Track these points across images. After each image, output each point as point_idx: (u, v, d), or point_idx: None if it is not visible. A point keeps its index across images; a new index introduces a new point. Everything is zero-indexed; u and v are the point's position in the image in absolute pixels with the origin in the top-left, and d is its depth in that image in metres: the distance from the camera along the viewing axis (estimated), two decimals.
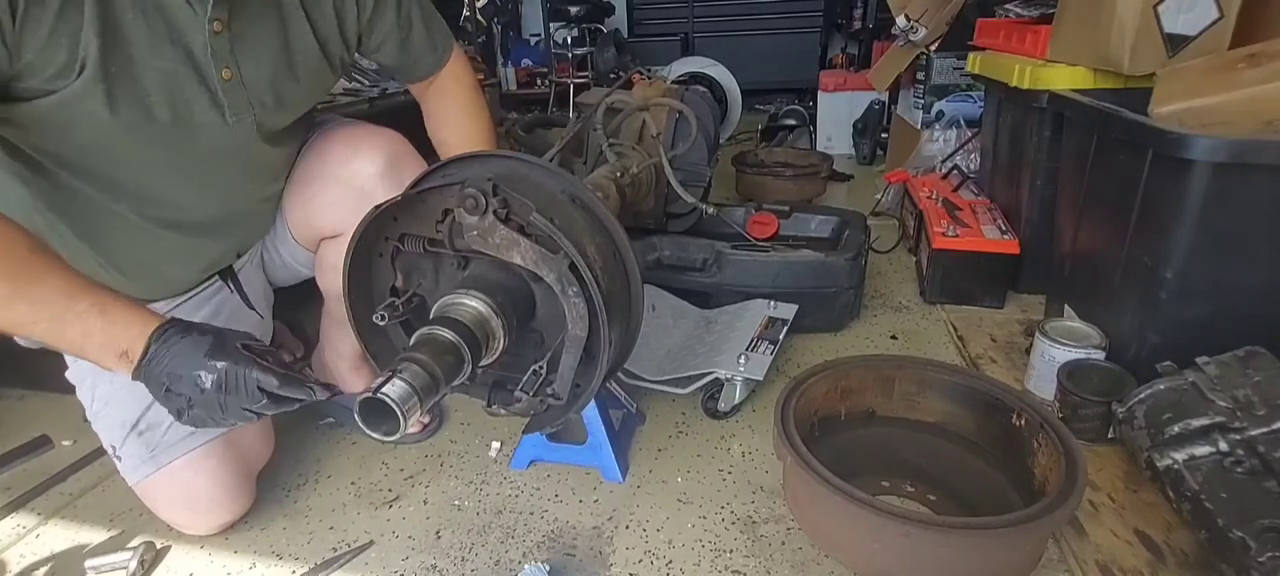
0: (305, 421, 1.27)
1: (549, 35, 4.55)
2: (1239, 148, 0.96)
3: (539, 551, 0.96)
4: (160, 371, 0.74)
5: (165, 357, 0.74)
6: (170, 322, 0.76)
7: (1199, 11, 1.22)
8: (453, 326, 0.76)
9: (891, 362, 1.09)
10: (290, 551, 0.99)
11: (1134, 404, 0.98)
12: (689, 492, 1.06)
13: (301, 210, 1.08)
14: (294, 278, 1.19)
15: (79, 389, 0.99)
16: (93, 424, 0.99)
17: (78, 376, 0.98)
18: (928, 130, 2.29)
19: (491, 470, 1.13)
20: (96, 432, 0.99)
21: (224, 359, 0.75)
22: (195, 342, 0.75)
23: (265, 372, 0.76)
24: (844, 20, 4.32)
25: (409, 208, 0.83)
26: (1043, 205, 1.55)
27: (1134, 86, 1.29)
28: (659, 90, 1.71)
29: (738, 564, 0.92)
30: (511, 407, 0.87)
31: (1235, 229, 1.01)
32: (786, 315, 1.37)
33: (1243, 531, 0.77)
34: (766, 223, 1.69)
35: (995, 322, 1.53)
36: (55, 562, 0.99)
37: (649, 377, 1.22)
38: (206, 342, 0.75)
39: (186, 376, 0.74)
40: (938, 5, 2.29)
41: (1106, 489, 0.99)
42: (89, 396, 0.98)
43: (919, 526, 0.78)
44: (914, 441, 1.06)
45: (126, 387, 0.94)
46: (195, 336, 0.75)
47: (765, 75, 4.48)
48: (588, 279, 0.77)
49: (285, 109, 0.95)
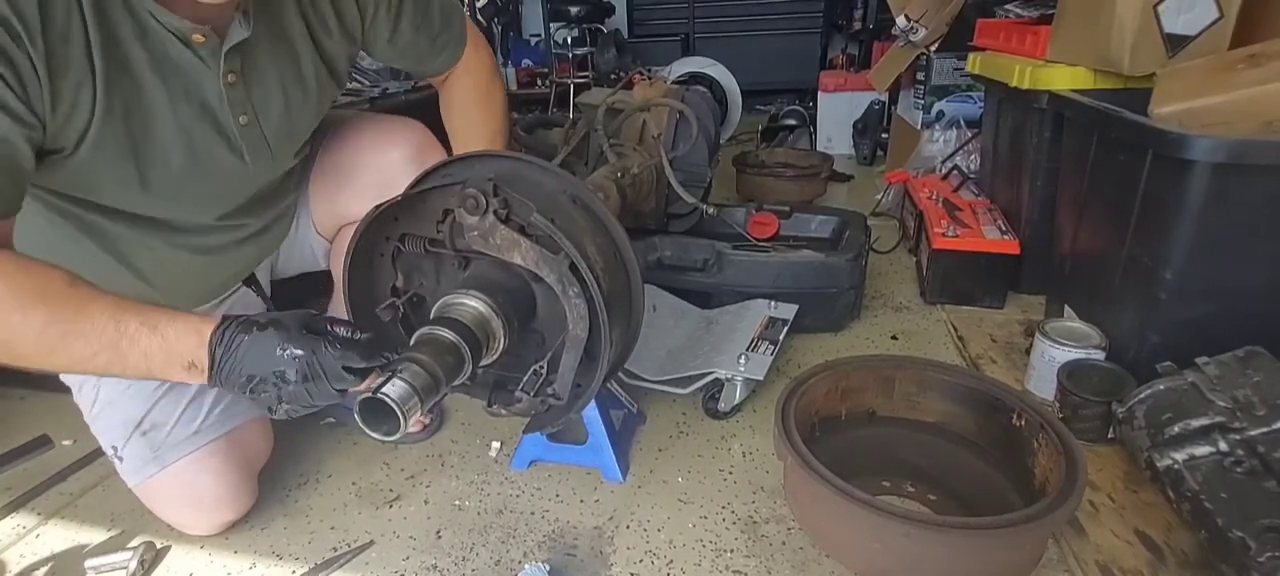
0: (305, 421, 1.27)
1: (549, 35, 4.55)
2: (1239, 148, 0.96)
3: (540, 551, 0.96)
4: (237, 375, 0.71)
5: (236, 361, 0.71)
6: (225, 323, 0.72)
7: (1199, 11, 1.22)
8: (453, 326, 0.76)
9: (891, 363, 1.09)
10: (291, 551, 0.99)
11: (1134, 404, 0.98)
12: (689, 492, 1.06)
13: (329, 201, 1.10)
14: (301, 269, 1.20)
15: (77, 392, 0.99)
16: (92, 425, 0.99)
17: (77, 379, 0.98)
18: (928, 130, 2.29)
19: (492, 470, 1.13)
20: (95, 434, 0.99)
21: (297, 346, 0.71)
22: (260, 338, 0.71)
23: (345, 349, 0.72)
24: (844, 21, 4.32)
25: (410, 208, 0.83)
26: (1043, 205, 1.55)
27: (1134, 87, 1.29)
28: (659, 91, 1.72)
29: (738, 564, 0.92)
30: (512, 408, 0.87)
31: (1235, 229, 1.01)
32: (787, 315, 1.37)
33: (1243, 531, 0.77)
34: (767, 223, 1.69)
35: (995, 323, 1.53)
36: (55, 562, 0.99)
37: (649, 377, 1.22)
38: (273, 335, 0.71)
39: (265, 375, 0.71)
40: (938, 5, 2.29)
41: (1106, 489, 0.99)
42: (90, 398, 0.97)
43: (919, 526, 0.78)
44: (914, 441, 1.06)
45: (130, 387, 0.95)
46: (256, 332, 0.71)
47: (765, 76, 4.47)
48: (588, 279, 0.77)
49: (299, 133, 0.97)
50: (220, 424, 1.00)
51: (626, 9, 4.96)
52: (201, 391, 0.98)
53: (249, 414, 1.04)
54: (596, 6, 4.30)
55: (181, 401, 0.97)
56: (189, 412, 0.98)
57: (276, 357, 0.70)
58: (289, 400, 0.72)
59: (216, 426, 0.99)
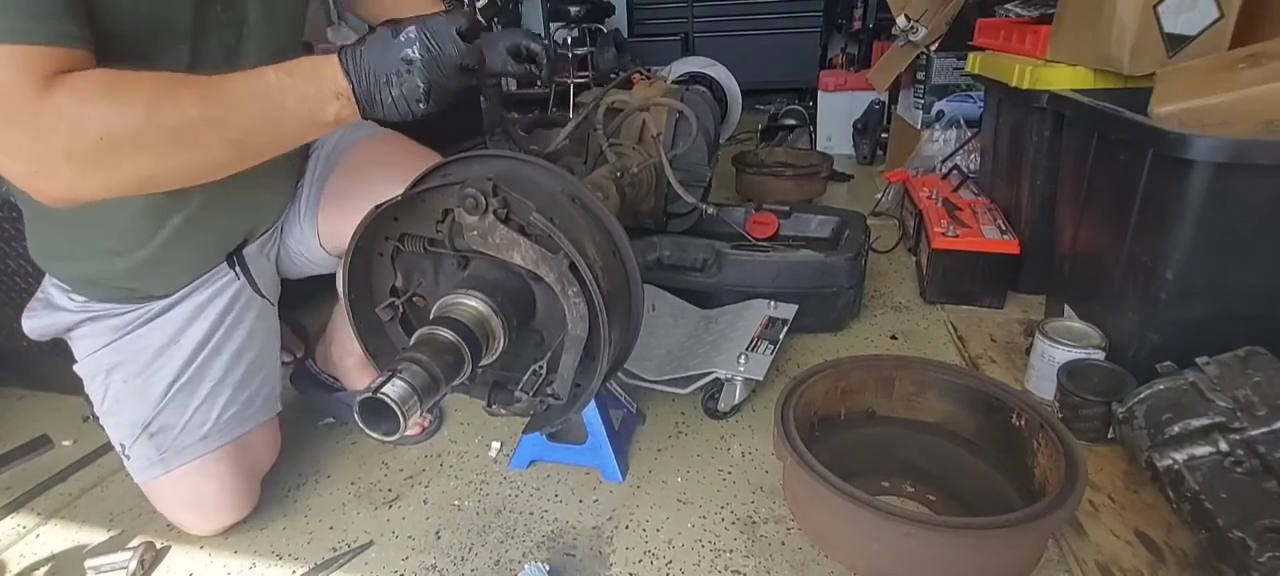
0: (305, 421, 1.27)
1: (549, 35, 4.55)
2: (1239, 148, 0.96)
3: (539, 551, 0.96)
4: (376, 80, 0.72)
5: (367, 67, 0.72)
6: (342, 49, 0.73)
7: (1199, 11, 1.22)
8: (453, 326, 0.76)
9: (891, 362, 1.09)
10: (290, 551, 0.99)
11: (1134, 404, 0.98)
12: (689, 492, 1.06)
13: (336, 225, 1.08)
14: (305, 273, 1.19)
15: (89, 385, 0.98)
16: (102, 420, 0.98)
17: (88, 372, 0.97)
18: (928, 130, 2.29)
19: (491, 470, 1.13)
20: (105, 428, 0.99)
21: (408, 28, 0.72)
22: (375, 39, 0.73)
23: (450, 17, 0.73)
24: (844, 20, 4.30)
25: (409, 208, 0.83)
26: (1043, 205, 1.55)
27: (1134, 86, 1.29)
28: (659, 90, 1.71)
29: (737, 564, 0.92)
30: (511, 407, 0.87)
31: (1235, 229, 1.01)
32: (786, 315, 1.37)
33: (1243, 531, 0.77)
34: (766, 223, 1.69)
35: (995, 322, 1.53)
36: (55, 562, 0.99)
37: (649, 377, 1.22)
38: (384, 32, 0.73)
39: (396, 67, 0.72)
40: (938, 5, 2.29)
41: (1106, 489, 0.99)
42: (100, 393, 0.97)
43: (919, 526, 0.78)
44: (914, 441, 1.06)
45: (139, 387, 0.95)
46: (370, 38, 0.73)
47: (765, 75, 4.47)
48: (588, 279, 0.77)
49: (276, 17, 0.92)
50: (229, 429, 0.99)
51: (626, 9, 4.95)
52: (213, 393, 0.98)
53: (257, 419, 1.04)
54: (596, 6, 4.30)
55: (190, 405, 0.97)
56: (198, 416, 0.97)
57: (397, 44, 0.72)
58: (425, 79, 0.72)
59: (225, 432, 0.99)
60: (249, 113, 0.70)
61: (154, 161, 0.69)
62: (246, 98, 0.70)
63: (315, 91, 0.72)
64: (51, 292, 0.96)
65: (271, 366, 1.09)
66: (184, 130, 0.68)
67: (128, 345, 0.96)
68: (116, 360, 0.96)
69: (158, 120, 0.67)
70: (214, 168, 0.73)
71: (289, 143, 0.77)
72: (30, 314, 0.98)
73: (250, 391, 1.03)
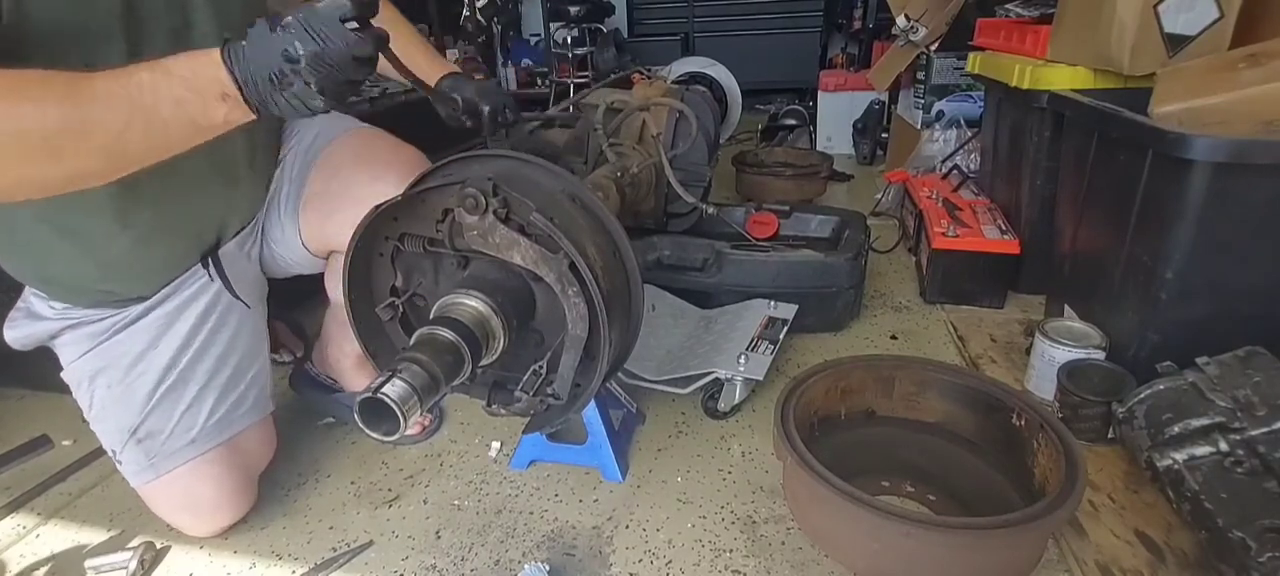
0: (305, 421, 1.27)
1: (549, 35, 4.54)
2: (1239, 148, 0.96)
3: (539, 551, 0.96)
4: (259, 79, 0.65)
5: (248, 66, 0.65)
6: (224, 42, 0.67)
7: (1199, 11, 1.22)
8: (453, 326, 0.76)
9: (891, 362, 1.09)
10: (290, 551, 0.99)
11: (1134, 404, 0.98)
12: (689, 492, 1.06)
13: (319, 226, 1.06)
14: (290, 272, 1.17)
15: (76, 391, 0.97)
16: (92, 426, 0.98)
17: (73, 379, 0.97)
18: (928, 130, 2.29)
19: (491, 470, 1.13)
20: (96, 433, 0.98)
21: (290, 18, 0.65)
22: (255, 33, 0.66)
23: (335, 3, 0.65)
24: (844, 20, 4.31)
25: (409, 207, 0.83)
26: (1043, 205, 1.55)
27: (1134, 86, 1.29)
28: (659, 90, 1.71)
29: (737, 564, 0.92)
30: (511, 407, 0.87)
31: (1235, 229, 1.01)
32: (786, 315, 1.37)
33: (1243, 531, 0.77)
34: (766, 222, 1.69)
35: (995, 322, 1.53)
36: (55, 562, 0.99)
37: (649, 377, 1.22)
38: (263, 24, 0.66)
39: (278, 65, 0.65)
40: (938, 5, 2.29)
41: (1106, 489, 0.99)
42: (87, 399, 0.97)
43: (919, 526, 0.78)
44: (914, 441, 1.06)
45: (122, 393, 0.94)
46: (251, 33, 0.66)
47: (765, 75, 4.47)
48: (588, 279, 0.77)
49: None
50: (218, 431, 0.99)
51: (626, 9, 4.95)
52: (199, 397, 0.97)
53: (248, 419, 1.03)
54: (596, 6, 4.30)
55: (177, 409, 0.96)
56: (185, 420, 0.96)
57: (276, 39, 0.65)
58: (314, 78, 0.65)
59: (214, 434, 0.98)
60: (115, 118, 0.64)
61: (18, 168, 0.63)
62: (113, 101, 0.63)
63: (194, 95, 0.65)
64: (32, 301, 0.95)
65: (261, 366, 1.07)
66: (49, 137, 0.62)
67: (108, 351, 0.95)
68: (99, 366, 0.95)
69: (11, 127, 0.61)
70: (89, 175, 0.67)
71: (173, 149, 0.69)
72: (11, 324, 0.96)
73: (239, 392, 1.02)
